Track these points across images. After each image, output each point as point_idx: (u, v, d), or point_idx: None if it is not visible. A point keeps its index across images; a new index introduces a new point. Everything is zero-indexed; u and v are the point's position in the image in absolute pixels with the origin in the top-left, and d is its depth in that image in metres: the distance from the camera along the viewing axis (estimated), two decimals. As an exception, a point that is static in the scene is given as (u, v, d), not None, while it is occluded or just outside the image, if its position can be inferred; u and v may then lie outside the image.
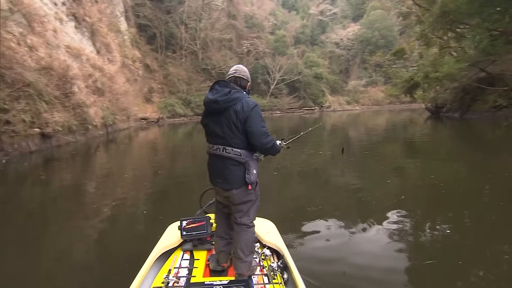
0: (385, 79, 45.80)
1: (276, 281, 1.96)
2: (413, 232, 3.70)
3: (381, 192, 5.33)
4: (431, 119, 21.69)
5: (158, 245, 2.40)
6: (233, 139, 1.94)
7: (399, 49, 27.36)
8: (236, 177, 1.96)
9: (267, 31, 52.67)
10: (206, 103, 2.00)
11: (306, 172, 7.50)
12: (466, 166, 7.24)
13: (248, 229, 2.06)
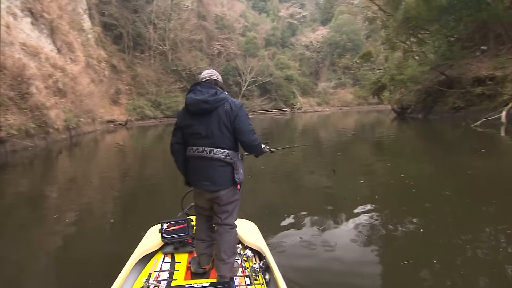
0: (353, 81, 47.36)
1: (258, 282, 1.96)
2: (389, 230, 3.73)
3: (355, 192, 5.38)
4: (397, 120, 22.65)
5: (138, 249, 2.34)
6: (221, 139, 1.95)
7: (366, 52, 28.41)
8: (224, 178, 1.97)
9: (237, 32, 52.57)
10: (192, 103, 1.95)
11: (280, 173, 7.44)
12: (432, 164, 7.55)
13: (231, 230, 2.07)
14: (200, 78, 2.09)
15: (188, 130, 2.01)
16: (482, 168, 6.64)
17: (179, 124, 2.06)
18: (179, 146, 2.08)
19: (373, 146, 11.80)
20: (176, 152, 2.10)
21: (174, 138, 2.09)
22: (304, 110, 48.88)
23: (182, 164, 2.11)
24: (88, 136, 19.42)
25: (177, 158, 2.12)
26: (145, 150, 13.90)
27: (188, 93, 2.01)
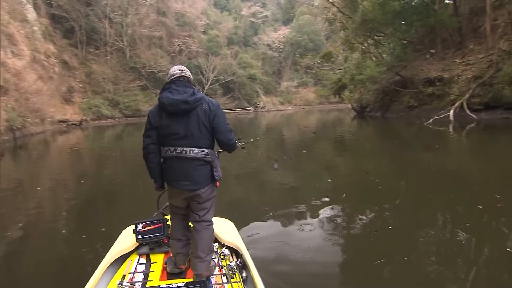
0: (315, 80, 48.69)
1: (235, 280, 1.96)
2: (360, 228, 3.72)
3: (324, 190, 5.38)
4: (357, 118, 23.61)
5: (112, 251, 2.27)
6: (201, 139, 1.94)
7: (327, 52, 29.31)
8: (204, 176, 1.98)
9: (199, 30, 51.56)
10: (171, 103, 1.89)
11: (246, 172, 7.27)
12: (394, 161, 7.84)
13: (209, 226, 2.07)
14: (170, 74, 2.01)
15: (164, 131, 1.94)
16: (439, 163, 7.02)
17: (153, 124, 1.97)
18: (155, 146, 2.00)
19: (337, 144, 12.09)
20: (151, 153, 2.01)
21: (149, 139, 2.00)
22: (268, 109, 49.29)
23: (157, 166, 2.04)
24: (36, 137, 17.76)
25: (152, 160, 2.03)
26: (103, 151, 12.99)
27: (162, 92, 1.94)
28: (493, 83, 14.70)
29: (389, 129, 16.31)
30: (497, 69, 14.93)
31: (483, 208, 3.93)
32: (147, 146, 2.00)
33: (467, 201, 4.38)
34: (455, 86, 16.58)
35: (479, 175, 6.04)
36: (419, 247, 3.14)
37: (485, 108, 14.85)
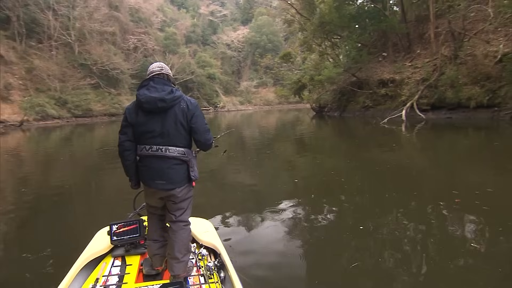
0: (274, 80, 49.36)
1: (212, 280, 1.94)
2: (332, 230, 3.66)
3: (293, 190, 5.30)
4: (316, 118, 24.26)
5: (84, 253, 2.19)
6: (177, 138, 1.90)
7: (286, 53, 29.79)
8: (180, 175, 1.95)
9: (155, 27, 49.69)
10: (148, 101, 1.85)
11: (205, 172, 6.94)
12: (356, 160, 7.98)
13: (185, 227, 2.04)
14: (149, 71, 1.96)
15: (140, 128, 1.90)
16: (398, 161, 7.32)
17: (130, 121, 1.91)
18: (131, 143, 1.94)
19: (299, 143, 12.21)
20: (126, 151, 1.96)
21: (124, 136, 1.94)
22: (228, 109, 48.97)
23: (133, 163, 1.99)
24: (-35, 141, 15.66)
25: (128, 157, 1.97)
26: (49, 155, 11.76)
27: (139, 89, 1.90)
28: (438, 85, 15.93)
29: (348, 129, 16.91)
30: (441, 72, 16.21)
31: (444, 204, 4.09)
32: (122, 143, 1.95)
33: (428, 198, 4.55)
34: (406, 88, 17.73)
35: (434, 172, 6.37)
36: (391, 246, 3.14)
37: (431, 108, 16.05)
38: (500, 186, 4.86)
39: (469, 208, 3.95)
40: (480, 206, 3.92)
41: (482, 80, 14.23)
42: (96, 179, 7.04)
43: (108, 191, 5.90)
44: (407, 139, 11.55)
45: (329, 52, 26.82)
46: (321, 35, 25.01)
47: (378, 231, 3.54)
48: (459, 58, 15.69)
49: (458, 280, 2.49)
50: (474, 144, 9.47)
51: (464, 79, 14.87)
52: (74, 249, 2.36)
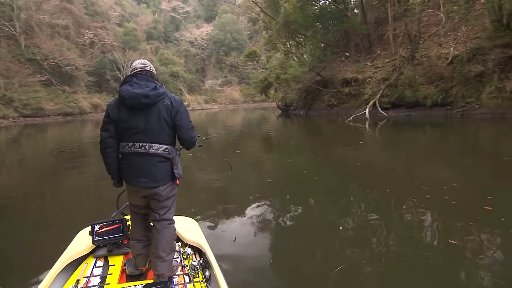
0: (239, 79, 49.14)
1: (197, 279, 1.91)
2: (312, 231, 3.55)
3: (267, 191, 5.13)
4: (282, 116, 24.43)
5: (65, 254, 2.13)
6: (161, 135, 1.88)
7: (251, 51, 29.71)
8: (164, 173, 1.92)
9: (113, 22, 47.15)
10: (131, 97, 1.81)
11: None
12: (327, 158, 8.05)
13: (170, 225, 2.01)
14: (132, 68, 1.94)
15: (123, 125, 1.86)
16: (367, 159, 7.47)
17: (112, 117, 1.87)
18: (113, 140, 1.90)
19: (267, 142, 12.13)
20: (109, 147, 1.91)
21: (106, 133, 1.90)
22: (192, 108, 47.93)
23: (115, 161, 1.94)
24: None
25: (110, 155, 1.92)
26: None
27: (122, 85, 1.86)
28: (398, 85, 16.74)
29: (315, 127, 17.16)
30: (400, 72, 17.05)
31: (417, 201, 4.17)
32: (104, 140, 1.90)
33: (401, 195, 4.62)
34: (368, 87, 18.43)
35: (402, 168, 6.56)
36: (371, 246, 3.10)
37: (392, 106, 16.84)
38: (464, 181, 5.09)
39: (440, 203, 4.04)
40: (450, 201, 4.04)
41: (436, 80, 15.17)
42: (50, 185, 6.36)
43: (65, 198, 5.32)
44: (372, 137, 11.94)
45: (293, 51, 27.18)
46: (285, 34, 25.26)
47: (357, 231, 3.49)
48: (415, 59, 16.60)
49: (439, 275, 2.48)
50: (434, 140, 9.99)
51: (421, 79, 15.76)
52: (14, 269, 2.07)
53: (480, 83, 13.51)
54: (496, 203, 3.85)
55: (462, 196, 4.25)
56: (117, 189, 2.15)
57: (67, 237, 2.44)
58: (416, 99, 15.74)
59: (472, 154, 7.44)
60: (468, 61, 13.90)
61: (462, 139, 9.55)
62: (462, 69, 13.98)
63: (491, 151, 7.91)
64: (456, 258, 2.76)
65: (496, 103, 12.76)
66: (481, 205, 3.84)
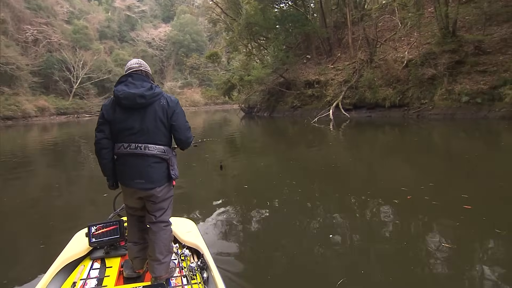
0: (200, 81, 48.09)
1: (195, 281, 1.90)
2: (303, 237, 3.33)
3: (248, 196, 4.85)
4: (246, 119, 24.19)
5: (61, 256, 2.09)
6: (157, 135, 1.86)
7: (213, 52, 29.12)
8: (160, 174, 1.89)
9: (61, 18, 43.70)
10: (126, 97, 1.78)
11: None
12: (300, 161, 7.89)
13: (166, 227, 1.99)
14: (127, 68, 1.91)
15: (118, 125, 1.84)
16: (341, 160, 7.48)
17: (107, 118, 1.86)
18: (108, 141, 1.88)
19: (235, 145, 11.79)
20: (103, 149, 1.88)
21: (101, 134, 1.87)
22: (153, 111, 45.94)
23: (110, 162, 1.92)
24: None
25: (105, 156, 1.90)
26: None
27: (117, 85, 1.84)
28: (358, 86, 17.36)
29: (281, 129, 17.13)
30: (360, 75, 17.71)
31: (399, 202, 4.14)
32: (99, 141, 1.87)
33: (383, 197, 4.55)
34: (330, 89, 18.90)
35: (376, 169, 6.61)
36: (365, 254, 2.95)
37: (354, 108, 17.41)
38: (437, 180, 5.17)
39: (422, 204, 4.04)
40: (431, 202, 4.05)
41: (394, 83, 15.97)
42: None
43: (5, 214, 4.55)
44: (339, 138, 12.12)
45: (255, 53, 27.16)
46: (247, 36, 25.15)
47: (348, 238, 3.33)
48: (374, 62, 17.35)
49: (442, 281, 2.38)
50: (398, 141, 10.33)
51: (379, 81, 16.49)
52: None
53: (433, 85, 14.44)
54: (473, 202, 3.92)
55: (441, 195, 4.29)
56: (112, 191, 2.11)
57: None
58: (376, 101, 16.42)
59: (436, 154, 7.79)
60: (421, 65, 14.80)
61: (423, 139, 10.00)
62: (416, 72, 14.85)
63: (452, 150, 8.35)
64: (456, 262, 2.69)
65: (447, 104, 13.70)
66: (460, 204, 3.89)
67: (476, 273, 2.55)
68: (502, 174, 5.39)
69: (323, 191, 5.20)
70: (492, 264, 2.63)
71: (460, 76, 13.71)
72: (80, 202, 5.13)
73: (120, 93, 1.78)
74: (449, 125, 12.48)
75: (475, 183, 4.96)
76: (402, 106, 15.46)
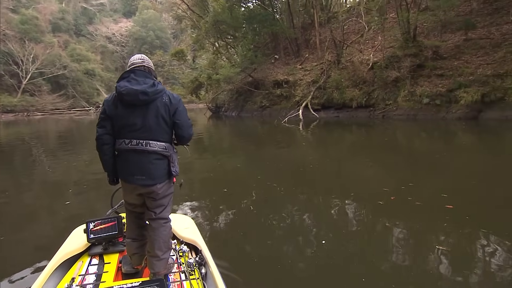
0: (164, 79, 46.43)
1: (193, 276, 1.91)
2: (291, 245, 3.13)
3: (224, 202, 4.54)
4: (213, 118, 23.66)
5: (59, 252, 2.12)
6: (159, 132, 1.86)
7: (178, 50, 28.07)
8: (161, 171, 1.89)
9: (5, 6, 39.81)
10: (129, 93, 1.76)
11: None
12: (276, 162, 7.68)
13: (165, 224, 1.98)
14: (130, 63, 1.90)
15: (120, 121, 1.82)
16: (318, 161, 7.42)
17: (108, 113, 1.83)
18: (109, 137, 1.86)
19: (207, 146, 11.36)
20: (105, 144, 1.86)
21: (103, 129, 1.85)
22: (113, 109, 43.60)
23: (111, 158, 1.90)
24: None
25: (106, 152, 1.87)
26: None
27: (119, 81, 1.83)
28: (326, 87, 17.68)
29: (251, 128, 16.84)
30: (328, 76, 18.05)
31: (384, 204, 4.08)
32: (101, 136, 1.84)
33: (368, 199, 4.48)
34: (299, 89, 19.04)
35: (354, 169, 6.62)
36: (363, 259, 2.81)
37: (322, 108, 17.69)
38: (415, 180, 5.22)
39: (406, 205, 4.02)
40: (414, 202, 4.05)
41: (360, 84, 16.46)
42: None
43: None
44: (310, 138, 12.14)
45: (223, 52, 26.72)
46: (214, 34, 24.64)
47: (342, 243, 3.17)
48: (341, 63, 17.77)
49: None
50: (370, 141, 10.44)
51: (346, 82, 16.92)
52: None
53: (396, 87, 15.08)
54: (453, 201, 3.98)
55: (422, 196, 4.32)
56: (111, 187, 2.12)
57: None
58: (343, 101, 16.81)
59: (407, 153, 8.01)
60: (385, 67, 15.40)
61: (392, 140, 10.29)
62: (381, 74, 15.42)
63: (421, 149, 8.63)
64: (452, 265, 2.63)
65: (410, 106, 14.38)
66: (442, 204, 3.93)
67: (477, 274, 2.50)
68: (472, 172, 5.61)
69: (306, 193, 5.03)
70: (489, 266, 2.60)
71: (421, 79, 14.45)
72: (34, 211, 4.50)
73: (123, 89, 1.76)
74: (412, 125, 13.06)
75: (450, 182, 5.07)
76: (368, 106, 15.97)
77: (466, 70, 13.45)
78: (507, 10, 14.80)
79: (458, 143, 9.05)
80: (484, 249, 2.91)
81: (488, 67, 13.15)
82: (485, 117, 12.30)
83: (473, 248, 2.95)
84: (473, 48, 14.23)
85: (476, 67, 13.43)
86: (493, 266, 2.60)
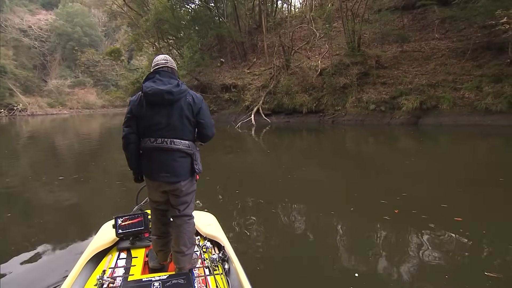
0: (95, 80, 42.08)
1: (217, 272, 1.92)
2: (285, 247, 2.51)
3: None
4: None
5: (90, 246, 2.21)
6: (183, 131, 1.89)
7: (114, 49, 25.36)
8: (184, 168, 1.92)
9: None
10: (155, 93, 1.80)
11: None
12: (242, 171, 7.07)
13: (189, 221, 2.00)
14: (154, 64, 1.94)
15: (145, 121, 1.87)
16: (296, 170, 6.91)
17: (134, 113, 1.88)
18: (135, 136, 1.90)
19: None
20: (131, 143, 1.89)
21: (129, 129, 1.88)
22: (32, 113, 37.88)
23: (136, 157, 1.93)
24: None
25: (132, 150, 1.91)
26: None
27: (145, 81, 1.87)
28: (276, 92, 17.52)
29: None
30: (277, 81, 17.94)
31: (390, 219, 3.71)
32: (127, 135, 1.88)
33: (368, 212, 4.07)
34: (248, 93, 18.58)
35: (335, 180, 6.28)
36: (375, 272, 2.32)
37: (273, 113, 17.46)
38: (404, 189, 4.97)
39: (413, 219, 3.73)
40: (420, 216, 3.76)
41: (310, 90, 16.65)
42: None
43: None
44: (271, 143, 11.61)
45: (164, 53, 25.03)
46: (155, 34, 22.94)
47: (352, 257, 2.72)
48: (290, 69, 17.81)
49: None
50: (335, 146, 10.26)
51: (296, 87, 16.98)
52: None
53: (345, 93, 15.57)
54: (459, 213, 3.78)
55: (423, 207, 4.05)
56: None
57: None
58: (293, 106, 16.79)
59: (379, 161, 7.84)
60: (334, 74, 15.83)
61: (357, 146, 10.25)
62: (330, 80, 15.79)
63: (369, 153, 8.74)
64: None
65: (357, 112, 14.94)
66: (450, 216, 3.70)
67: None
68: (450, 181, 5.52)
69: (304, 207, 4.44)
70: None
71: (366, 86, 15.15)
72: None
73: (149, 89, 1.80)
74: (360, 130, 13.49)
75: (442, 191, 4.91)
76: (318, 112, 16.20)
77: (405, 79, 14.48)
78: (432, 28, 16.46)
79: (401, 146, 9.54)
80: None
81: (423, 77, 14.32)
82: (424, 123, 13.29)
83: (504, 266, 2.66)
84: (408, 59, 15.43)
85: (413, 77, 14.54)
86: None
